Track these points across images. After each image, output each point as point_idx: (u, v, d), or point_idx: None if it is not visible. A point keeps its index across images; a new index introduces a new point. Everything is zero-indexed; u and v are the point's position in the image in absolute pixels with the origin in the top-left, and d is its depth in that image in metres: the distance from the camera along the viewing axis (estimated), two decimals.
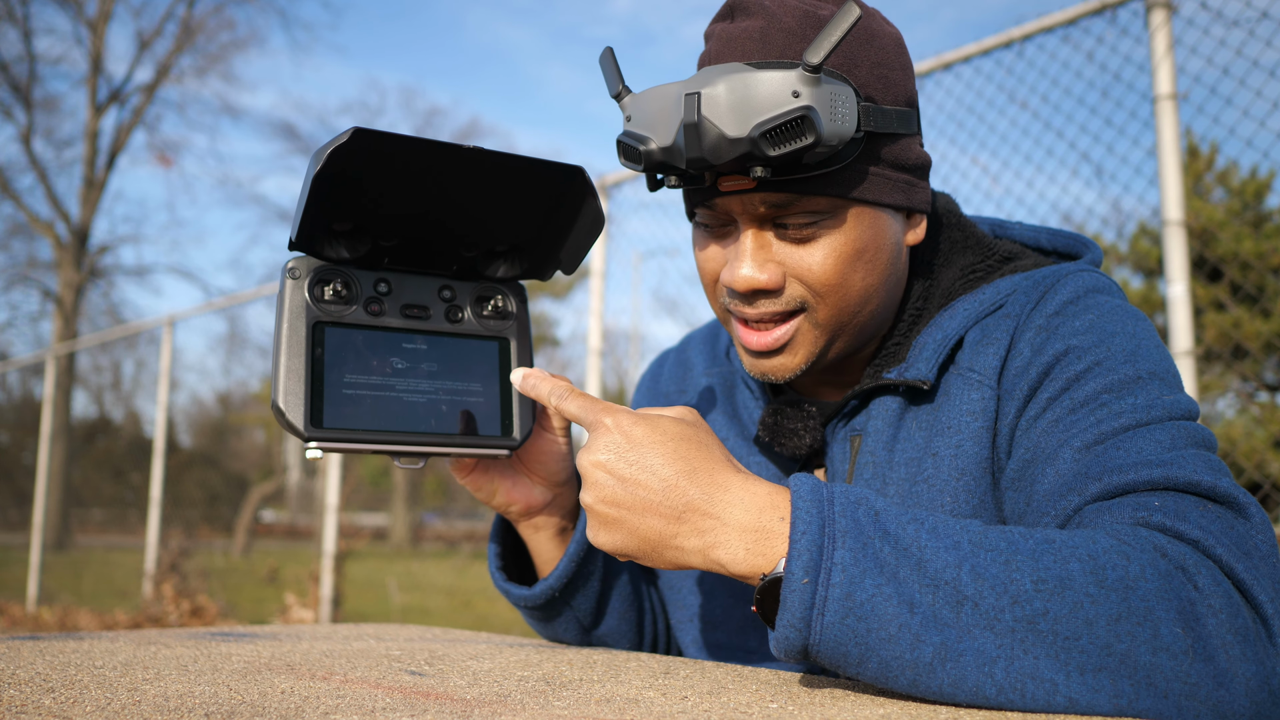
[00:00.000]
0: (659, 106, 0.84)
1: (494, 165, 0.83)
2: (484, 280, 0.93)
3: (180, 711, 0.60)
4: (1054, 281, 0.91)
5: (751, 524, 0.71)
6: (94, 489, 19.04)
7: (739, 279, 0.87)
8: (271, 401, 0.82)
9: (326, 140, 0.77)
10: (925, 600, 0.65)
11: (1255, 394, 8.85)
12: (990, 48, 3.21)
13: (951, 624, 0.64)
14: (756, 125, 0.79)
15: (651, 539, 0.74)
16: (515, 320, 0.93)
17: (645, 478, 0.74)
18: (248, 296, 7.97)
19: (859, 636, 0.65)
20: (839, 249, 0.87)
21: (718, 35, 0.88)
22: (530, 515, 0.97)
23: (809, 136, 0.79)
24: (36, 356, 12.21)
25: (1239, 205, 9.72)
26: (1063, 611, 0.64)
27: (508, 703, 0.67)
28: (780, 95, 0.79)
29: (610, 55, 0.92)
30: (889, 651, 0.65)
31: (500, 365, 0.92)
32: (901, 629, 0.64)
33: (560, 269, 0.95)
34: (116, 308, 23.26)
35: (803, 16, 0.85)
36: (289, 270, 0.84)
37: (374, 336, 0.86)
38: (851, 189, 0.85)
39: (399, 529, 23.45)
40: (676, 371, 1.16)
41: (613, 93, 0.90)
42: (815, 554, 0.66)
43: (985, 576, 0.65)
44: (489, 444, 0.89)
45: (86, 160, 21.92)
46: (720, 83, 0.80)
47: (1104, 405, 0.81)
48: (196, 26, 22.76)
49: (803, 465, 0.99)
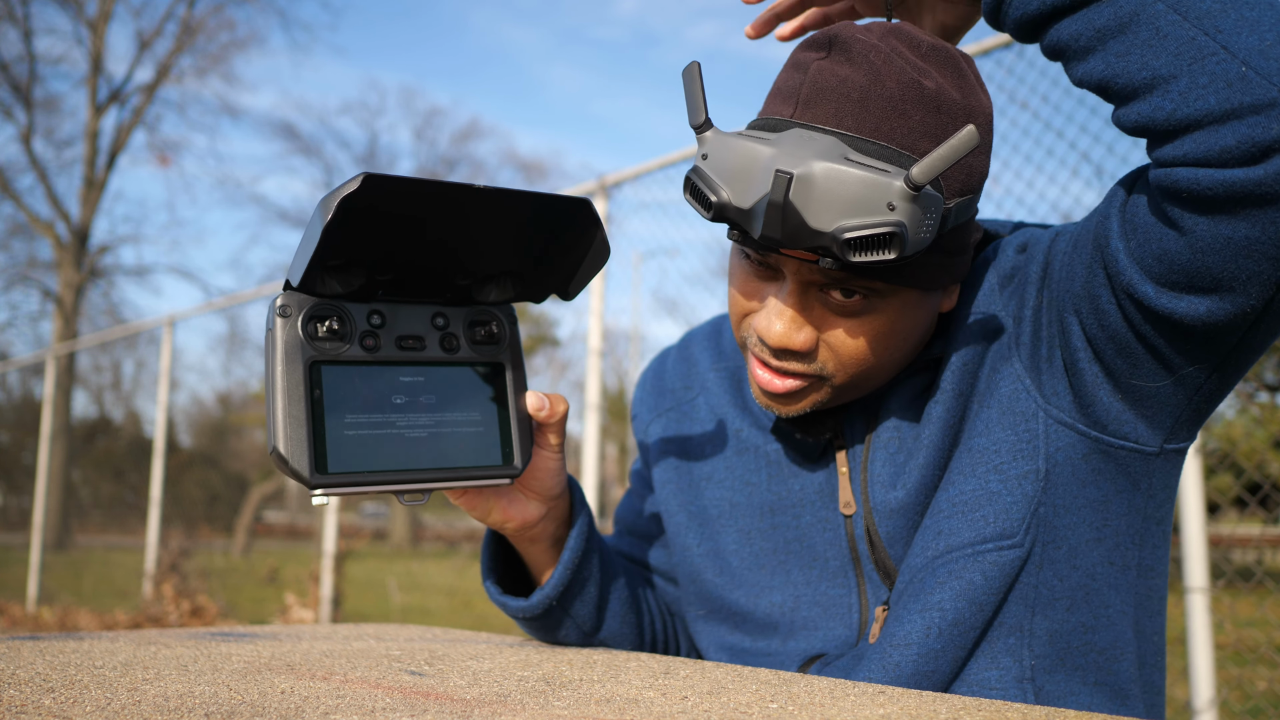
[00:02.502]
0: (744, 164, 0.79)
1: (501, 202, 0.81)
2: (476, 304, 0.91)
3: (180, 711, 0.60)
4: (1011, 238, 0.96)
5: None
6: (94, 489, 19.03)
7: (773, 335, 0.86)
8: (270, 448, 0.79)
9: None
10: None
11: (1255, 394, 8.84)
12: (990, 48, 3.21)
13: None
14: (842, 227, 0.75)
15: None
16: (508, 343, 0.92)
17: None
18: (248, 296, 7.98)
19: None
20: (879, 329, 0.86)
21: (813, 73, 0.83)
22: (526, 530, 0.96)
23: (892, 252, 0.76)
24: (36, 356, 12.21)
25: None
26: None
27: (508, 703, 0.67)
28: (875, 203, 0.75)
29: (696, 73, 0.85)
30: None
31: (497, 392, 0.90)
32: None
33: (561, 295, 0.93)
34: (116, 308, 23.27)
35: (907, 84, 0.81)
36: (279, 309, 0.81)
37: (371, 372, 0.84)
38: (909, 277, 0.84)
39: (399, 529, 23.45)
40: (681, 368, 1.16)
41: (694, 122, 0.84)
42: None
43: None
44: (491, 474, 0.87)
45: (86, 160, 21.92)
46: (817, 168, 0.76)
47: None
48: (196, 26, 22.77)
49: (824, 448, 0.99)
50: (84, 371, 23.52)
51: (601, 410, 4.82)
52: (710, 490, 1.05)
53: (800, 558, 0.98)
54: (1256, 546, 10.22)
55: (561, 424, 0.92)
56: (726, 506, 1.03)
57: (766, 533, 1.00)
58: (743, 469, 1.03)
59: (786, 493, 1.00)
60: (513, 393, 0.90)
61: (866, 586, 0.94)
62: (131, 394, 25.44)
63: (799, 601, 0.98)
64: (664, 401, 1.15)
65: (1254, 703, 3.83)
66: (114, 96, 22.31)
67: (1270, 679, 4.55)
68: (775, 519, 1.00)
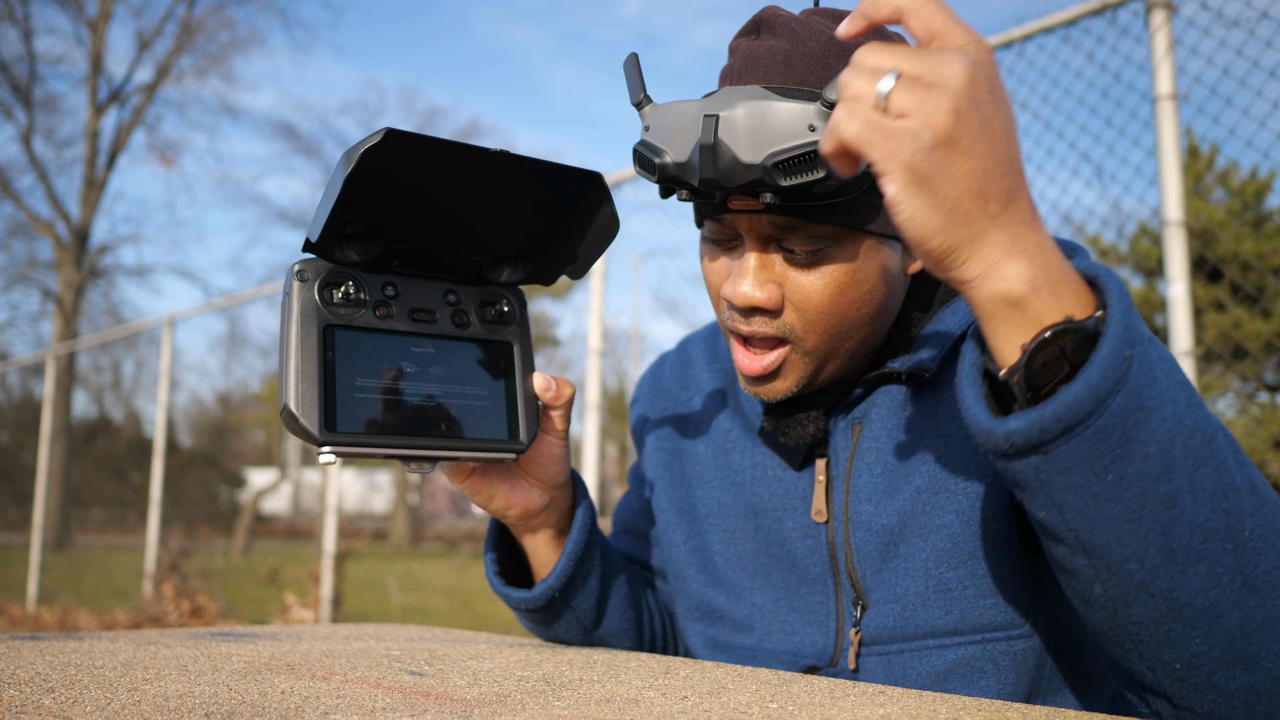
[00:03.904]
0: (678, 122, 0.84)
1: (515, 169, 0.83)
2: (488, 285, 0.93)
3: (180, 711, 0.60)
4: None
5: (1055, 262, 0.68)
6: (94, 489, 19.04)
7: (738, 295, 0.88)
8: (281, 406, 0.80)
9: (339, 140, 0.76)
10: (1186, 421, 0.67)
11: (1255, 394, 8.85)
12: (990, 48, 3.21)
13: (1205, 457, 0.67)
14: (770, 155, 0.79)
15: (986, 190, 0.65)
16: (517, 324, 0.93)
17: (1000, 126, 0.66)
18: (248, 296, 7.98)
19: (1131, 428, 0.65)
20: (838, 278, 0.87)
21: (742, 52, 0.88)
22: (528, 519, 0.97)
23: (820, 171, 0.79)
24: (36, 356, 12.21)
25: (1239, 205, 9.72)
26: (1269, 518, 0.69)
27: (508, 703, 0.67)
28: (797, 127, 0.79)
29: (635, 62, 0.91)
30: (1159, 434, 0.65)
31: (505, 369, 0.91)
32: (1170, 429, 0.66)
33: (569, 274, 0.95)
34: (116, 308, 23.27)
35: (827, 43, 0.86)
36: (297, 273, 0.83)
37: (383, 340, 0.86)
38: (857, 218, 0.86)
39: (399, 529, 23.45)
40: (678, 370, 1.17)
41: (634, 100, 0.90)
42: (1125, 349, 0.64)
43: (1218, 442, 0.69)
44: (497, 448, 0.89)
45: (86, 160, 21.92)
46: (739, 107, 0.81)
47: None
48: (196, 26, 22.77)
49: (806, 454, 0.99)
50: (84, 371, 23.57)
51: (601, 410, 4.82)
52: (701, 490, 1.06)
53: (781, 562, 0.99)
54: None
55: (567, 408, 0.93)
56: (715, 506, 1.05)
57: (750, 535, 1.01)
58: (731, 470, 1.05)
59: (769, 496, 1.01)
60: (520, 371, 0.92)
61: (843, 597, 0.95)
62: (131, 394, 25.50)
63: (778, 605, 0.99)
64: (660, 403, 1.16)
65: None
66: (114, 96, 22.31)
67: None
68: (758, 521, 1.01)
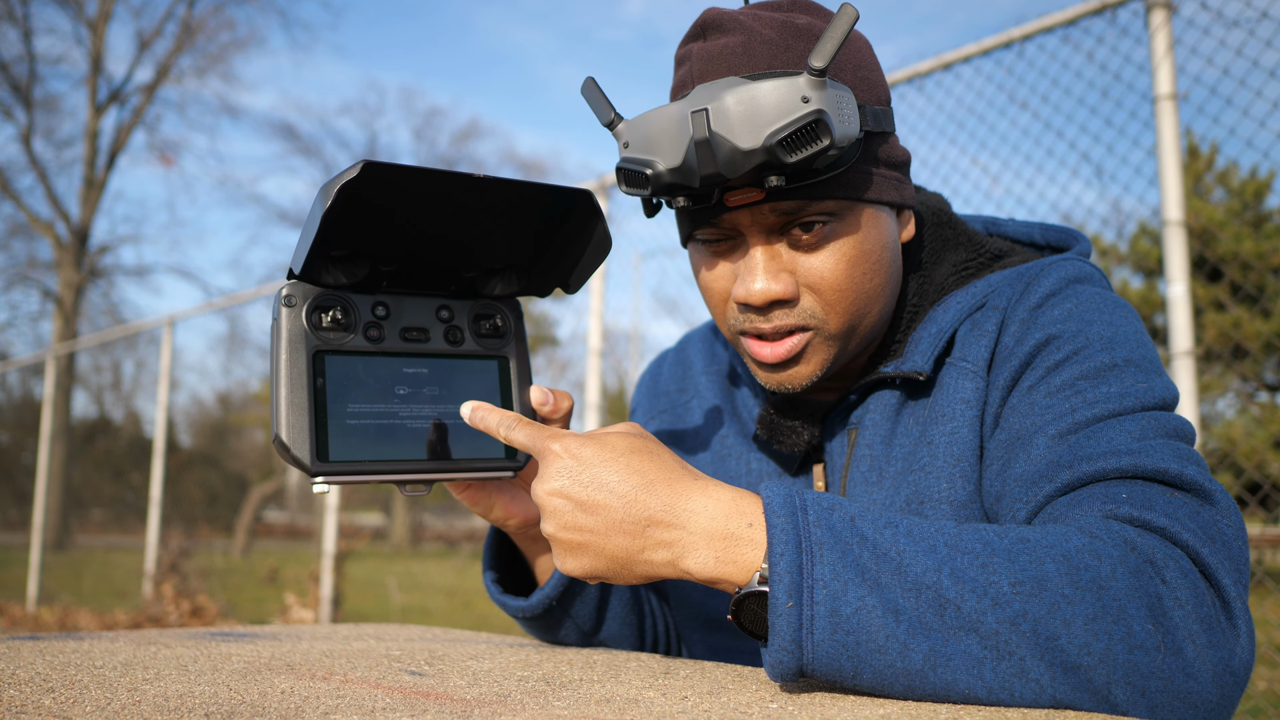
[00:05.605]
0: (663, 127, 0.83)
1: (500, 191, 0.82)
2: (481, 298, 0.91)
3: (180, 711, 0.60)
4: (1037, 273, 0.92)
5: (718, 530, 0.71)
6: (94, 489, 19.03)
7: (755, 293, 0.86)
8: (273, 435, 0.79)
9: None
10: (909, 606, 0.65)
11: (1255, 394, 8.85)
12: (990, 48, 3.21)
13: (937, 629, 0.64)
14: (771, 134, 0.78)
15: (619, 557, 0.74)
16: (513, 337, 0.92)
17: (602, 497, 0.73)
18: (248, 296, 7.97)
19: (849, 650, 0.65)
20: (848, 252, 0.87)
21: (696, 55, 0.87)
22: (528, 528, 0.96)
23: (824, 140, 0.78)
24: (36, 356, 12.21)
25: (1239, 205, 9.72)
26: (1041, 612, 0.64)
27: (508, 703, 0.67)
28: (790, 102, 0.78)
29: (593, 85, 0.90)
30: (880, 661, 0.65)
31: (501, 385, 0.90)
32: (889, 638, 0.65)
33: (564, 288, 0.94)
34: (116, 308, 23.27)
35: (780, 26, 0.85)
36: (284, 298, 0.82)
37: (375, 363, 0.84)
38: (856, 189, 0.86)
39: (399, 529, 23.45)
40: (676, 370, 1.17)
41: (604, 121, 0.88)
42: (796, 574, 0.66)
43: (965, 579, 0.65)
44: (493, 466, 0.88)
45: (86, 160, 21.92)
46: (726, 96, 0.79)
47: (1079, 393, 0.82)
48: (196, 26, 22.77)
49: (802, 461, 0.99)
50: (84, 371, 23.55)
51: (601, 410, 4.82)
52: None
53: None
54: (1256, 546, 10.23)
55: (565, 421, 0.92)
56: None
57: None
58: (726, 475, 1.04)
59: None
60: (517, 386, 0.91)
61: None
62: (131, 394, 25.47)
63: None
64: (659, 404, 1.16)
65: (1254, 703, 3.83)
66: (114, 96, 22.31)
67: (1270, 679, 4.55)
68: None
